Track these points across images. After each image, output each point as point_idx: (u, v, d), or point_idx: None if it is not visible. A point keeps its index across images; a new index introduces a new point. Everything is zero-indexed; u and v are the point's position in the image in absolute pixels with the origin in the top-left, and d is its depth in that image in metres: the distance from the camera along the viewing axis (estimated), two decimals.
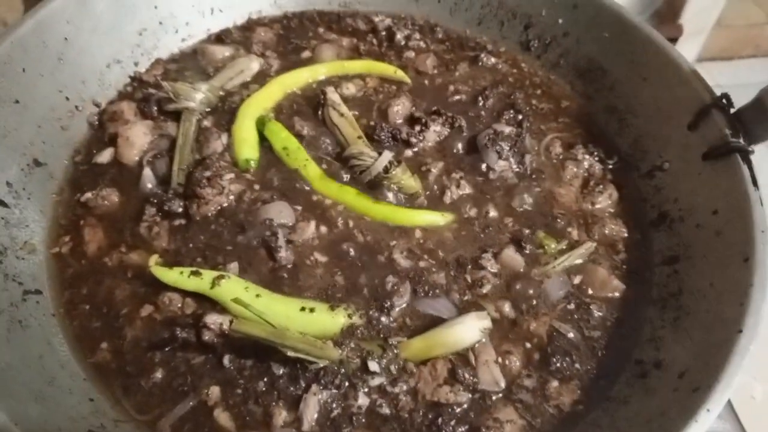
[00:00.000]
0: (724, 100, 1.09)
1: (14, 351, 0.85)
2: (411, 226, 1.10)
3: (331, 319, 0.93)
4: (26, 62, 1.09)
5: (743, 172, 1.01)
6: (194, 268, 0.98)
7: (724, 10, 3.62)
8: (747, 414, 1.41)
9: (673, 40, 3.75)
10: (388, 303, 0.97)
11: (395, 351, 0.91)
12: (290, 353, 0.83)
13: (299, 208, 1.10)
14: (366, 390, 0.89)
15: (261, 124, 1.19)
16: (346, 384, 0.89)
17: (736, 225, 0.98)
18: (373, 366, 0.88)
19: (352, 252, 1.05)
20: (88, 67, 1.21)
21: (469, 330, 0.93)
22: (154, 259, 1.00)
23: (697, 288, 0.99)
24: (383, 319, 0.96)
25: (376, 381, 0.89)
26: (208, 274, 0.97)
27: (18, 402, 0.76)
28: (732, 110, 1.08)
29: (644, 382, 0.93)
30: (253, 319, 0.84)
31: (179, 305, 0.97)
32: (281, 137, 1.18)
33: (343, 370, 0.88)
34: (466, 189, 1.15)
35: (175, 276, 0.98)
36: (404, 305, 0.99)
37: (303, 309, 0.93)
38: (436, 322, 0.98)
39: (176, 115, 1.20)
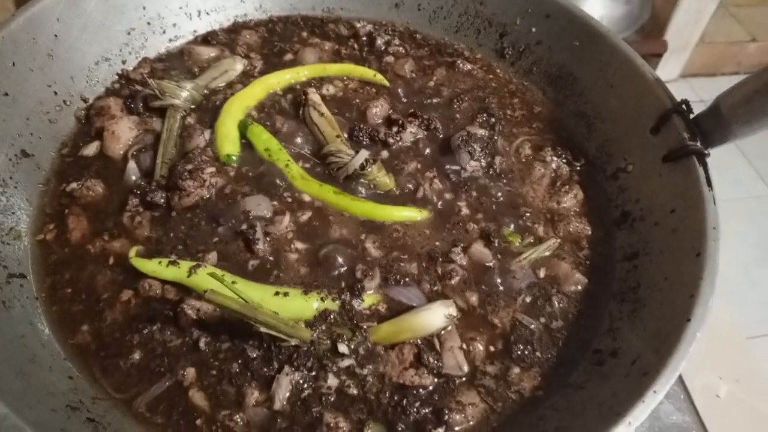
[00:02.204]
0: (683, 106, 1.14)
1: None
2: (389, 221, 1.14)
3: (304, 303, 0.98)
4: (16, 57, 1.13)
5: (699, 173, 1.06)
6: (172, 258, 1.02)
7: (707, 28, 3.73)
8: (710, 412, 1.46)
9: (658, 55, 3.85)
10: (359, 285, 1.01)
11: (364, 334, 0.96)
12: (262, 329, 0.87)
13: (276, 202, 1.14)
14: (335, 371, 0.93)
15: (243, 126, 1.24)
16: (317, 365, 0.93)
17: (691, 222, 1.03)
18: (342, 348, 0.93)
19: (327, 245, 1.09)
20: (77, 64, 1.25)
21: (435, 316, 0.98)
22: (134, 250, 1.04)
23: (653, 282, 1.05)
24: (355, 303, 1.00)
25: (345, 363, 0.94)
26: (186, 264, 1.01)
27: None
28: (691, 116, 1.14)
29: (600, 369, 0.98)
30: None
31: (158, 291, 1.01)
32: (263, 139, 1.22)
33: (314, 349, 0.93)
34: (439, 187, 1.20)
35: (154, 266, 1.02)
36: (374, 288, 1.03)
37: (277, 294, 0.98)
38: (406, 310, 1.02)
39: (161, 112, 1.24)
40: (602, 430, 0.80)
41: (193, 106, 1.27)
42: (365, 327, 0.98)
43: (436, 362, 0.95)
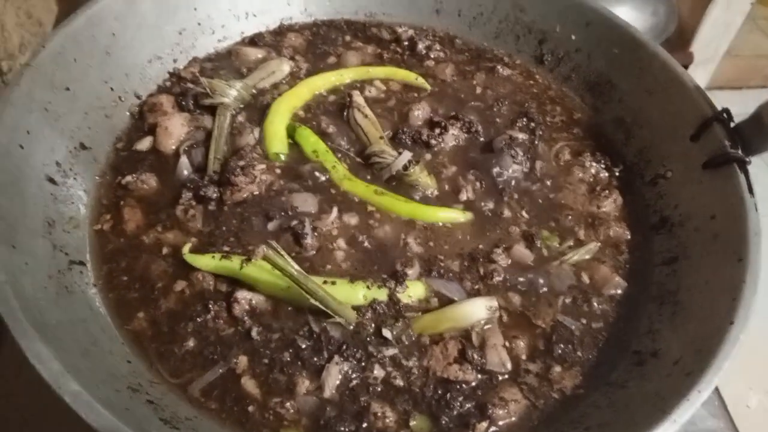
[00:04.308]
0: (724, 114, 1.16)
1: (62, 312, 0.93)
2: (431, 221, 1.17)
3: (351, 291, 1.02)
4: (77, 54, 1.17)
5: (740, 181, 1.08)
6: (225, 252, 1.06)
7: (735, 41, 3.71)
8: (742, 422, 1.47)
9: (684, 67, 3.84)
10: (402, 272, 1.05)
11: (407, 321, 1.00)
12: (312, 300, 0.93)
13: (323, 199, 1.17)
14: (382, 361, 0.96)
15: (291, 129, 1.27)
16: (365, 356, 0.96)
17: (732, 228, 1.05)
18: (386, 332, 0.97)
19: (370, 241, 1.13)
20: (132, 62, 1.29)
21: (476, 308, 1.01)
22: (187, 247, 1.07)
23: (693, 285, 1.06)
24: (399, 290, 1.03)
25: (390, 351, 0.97)
26: (237, 258, 1.04)
27: (68, 354, 0.82)
28: (732, 124, 1.15)
29: (641, 369, 1.00)
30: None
31: (211, 282, 1.04)
32: (311, 141, 1.26)
33: (358, 333, 0.97)
34: (481, 189, 1.23)
35: (207, 261, 1.05)
36: (415, 276, 1.07)
37: (325, 282, 1.01)
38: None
39: (211, 110, 1.28)
40: (647, 426, 0.82)
41: (241, 105, 1.31)
42: (409, 316, 1.01)
43: (479, 359, 0.98)
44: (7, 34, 1.57)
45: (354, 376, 0.95)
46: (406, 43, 1.52)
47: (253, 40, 1.47)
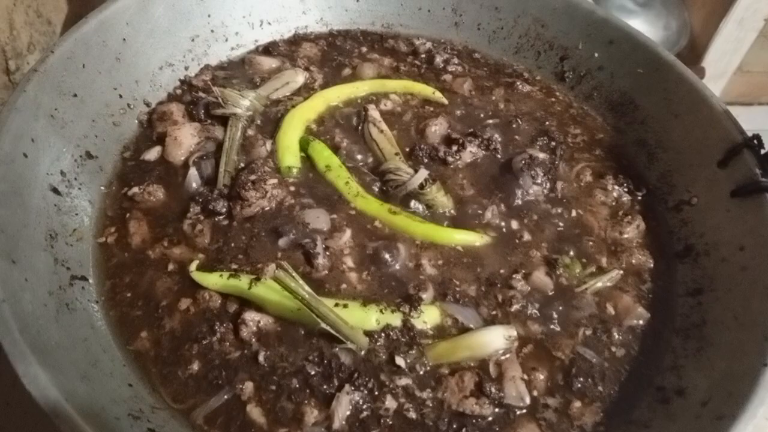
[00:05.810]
0: (755, 141, 1.12)
1: (62, 331, 0.89)
2: (449, 244, 1.12)
3: (363, 314, 0.98)
4: (87, 59, 1.14)
5: None
6: (233, 270, 1.02)
7: (746, 56, 3.67)
8: None
9: None
10: (416, 296, 1.01)
11: (421, 349, 0.96)
12: (323, 324, 0.90)
13: (335, 216, 1.13)
14: (394, 391, 0.92)
15: (305, 143, 1.23)
16: (377, 385, 0.92)
17: (763, 262, 1.01)
18: (399, 360, 0.93)
19: (384, 261, 1.08)
20: (142, 68, 1.26)
21: (494, 337, 0.97)
22: (194, 264, 1.03)
23: (720, 320, 1.02)
24: (414, 315, 0.99)
25: (402, 381, 0.93)
26: (246, 277, 1.00)
27: (67, 379, 0.78)
28: (762, 151, 1.11)
29: (666, 407, 0.95)
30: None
31: (218, 302, 1.00)
32: (324, 156, 1.22)
33: (369, 360, 0.94)
34: (500, 210, 1.18)
35: (215, 279, 1.01)
36: (430, 299, 1.03)
37: (337, 305, 0.97)
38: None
39: (222, 120, 1.24)
40: None
41: (254, 116, 1.26)
42: (423, 343, 0.98)
43: (497, 392, 0.93)
44: (15, 32, 1.53)
45: (365, 406, 0.91)
46: (423, 55, 1.48)
47: (267, 49, 1.43)
